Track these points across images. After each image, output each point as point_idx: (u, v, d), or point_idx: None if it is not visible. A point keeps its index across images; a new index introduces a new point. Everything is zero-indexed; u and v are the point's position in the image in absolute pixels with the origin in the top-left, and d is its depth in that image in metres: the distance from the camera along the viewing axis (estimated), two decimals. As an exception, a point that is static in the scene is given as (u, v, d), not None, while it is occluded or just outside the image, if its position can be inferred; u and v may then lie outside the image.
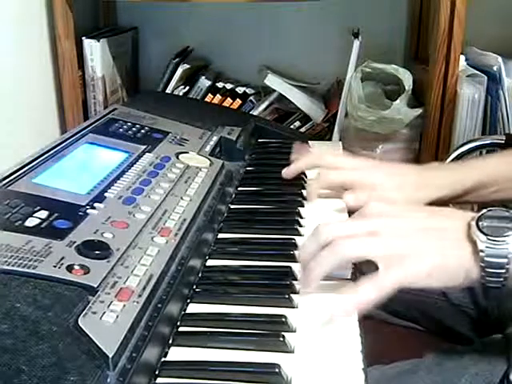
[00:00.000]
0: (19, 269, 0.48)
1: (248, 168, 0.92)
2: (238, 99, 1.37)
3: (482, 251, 0.51)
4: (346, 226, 0.58)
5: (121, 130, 0.86)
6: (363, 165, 0.79)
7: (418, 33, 1.41)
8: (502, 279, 0.51)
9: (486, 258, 0.51)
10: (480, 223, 0.52)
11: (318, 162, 0.82)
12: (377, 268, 0.54)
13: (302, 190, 0.82)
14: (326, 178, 0.78)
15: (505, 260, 0.51)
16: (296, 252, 0.64)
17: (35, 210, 0.58)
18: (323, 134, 1.36)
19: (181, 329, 0.53)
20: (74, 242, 0.53)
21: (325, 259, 0.55)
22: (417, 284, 0.53)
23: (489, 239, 0.51)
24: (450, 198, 0.74)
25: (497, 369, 0.58)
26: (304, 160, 0.84)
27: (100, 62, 1.23)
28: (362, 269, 0.59)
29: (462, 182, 0.74)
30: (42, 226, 0.55)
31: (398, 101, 1.18)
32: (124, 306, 0.47)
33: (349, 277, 0.59)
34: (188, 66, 1.35)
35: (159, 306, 0.51)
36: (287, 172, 0.83)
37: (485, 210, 0.54)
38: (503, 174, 0.74)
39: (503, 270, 0.51)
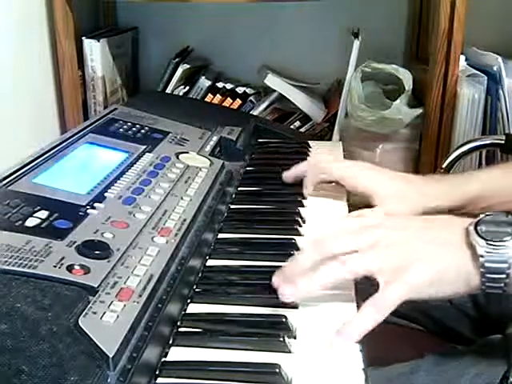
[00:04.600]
0: (19, 269, 0.48)
1: (248, 168, 0.92)
2: (237, 99, 1.37)
3: (481, 256, 0.50)
4: (347, 241, 0.56)
5: (121, 130, 0.86)
6: (362, 166, 0.79)
7: (418, 33, 1.41)
8: (502, 284, 0.50)
9: (486, 264, 0.50)
10: (479, 228, 0.52)
11: (319, 163, 0.82)
12: (377, 284, 0.53)
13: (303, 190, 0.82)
14: (327, 168, 0.79)
15: (505, 265, 0.50)
16: (295, 253, 0.64)
17: (35, 210, 0.58)
18: (323, 134, 1.36)
19: (181, 329, 0.53)
20: (74, 242, 0.53)
21: (326, 276, 0.54)
22: (421, 295, 0.52)
23: (488, 244, 0.50)
24: (448, 208, 0.72)
25: (497, 369, 0.58)
26: (304, 163, 0.84)
27: (100, 62, 1.23)
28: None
29: (461, 194, 0.72)
30: (42, 226, 0.55)
31: (398, 101, 1.18)
32: (124, 306, 0.48)
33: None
34: (188, 66, 1.34)
35: (159, 305, 0.51)
36: (286, 175, 0.83)
37: (483, 215, 0.53)
38: (505, 186, 0.72)
39: (503, 276, 0.50)
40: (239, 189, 0.85)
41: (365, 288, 0.55)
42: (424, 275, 0.52)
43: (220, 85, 1.39)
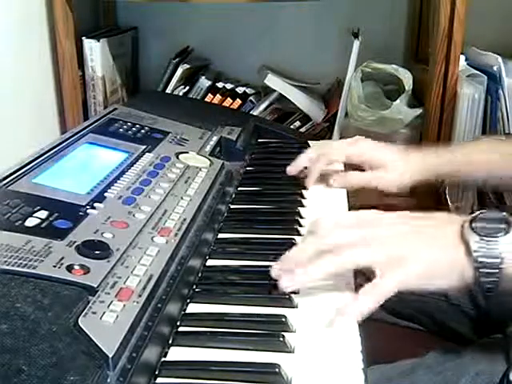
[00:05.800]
0: (19, 269, 0.48)
1: (248, 168, 0.92)
2: (237, 99, 1.37)
3: (475, 251, 0.52)
4: (346, 234, 0.57)
5: (121, 130, 0.86)
6: (362, 139, 0.86)
7: (417, 33, 1.41)
8: (495, 279, 0.51)
9: (480, 259, 0.51)
10: (473, 224, 0.53)
11: (320, 150, 0.86)
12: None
13: (302, 190, 0.82)
14: (329, 157, 0.84)
15: (497, 260, 0.51)
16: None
17: (35, 210, 0.58)
18: (323, 134, 1.36)
19: (181, 329, 0.53)
20: (74, 242, 0.53)
21: (324, 265, 0.55)
22: (415, 285, 0.54)
23: (482, 239, 0.52)
24: (448, 175, 0.85)
25: (497, 369, 0.58)
26: (304, 154, 0.86)
27: (100, 62, 1.23)
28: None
29: (463, 160, 0.81)
30: (42, 226, 0.55)
31: (398, 101, 1.18)
32: (124, 305, 0.48)
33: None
34: (188, 66, 1.34)
35: (159, 305, 0.51)
36: (290, 169, 0.84)
37: (478, 212, 0.54)
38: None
39: (496, 271, 0.51)
40: (239, 189, 0.85)
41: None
42: (417, 268, 0.53)
43: (220, 85, 1.39)
